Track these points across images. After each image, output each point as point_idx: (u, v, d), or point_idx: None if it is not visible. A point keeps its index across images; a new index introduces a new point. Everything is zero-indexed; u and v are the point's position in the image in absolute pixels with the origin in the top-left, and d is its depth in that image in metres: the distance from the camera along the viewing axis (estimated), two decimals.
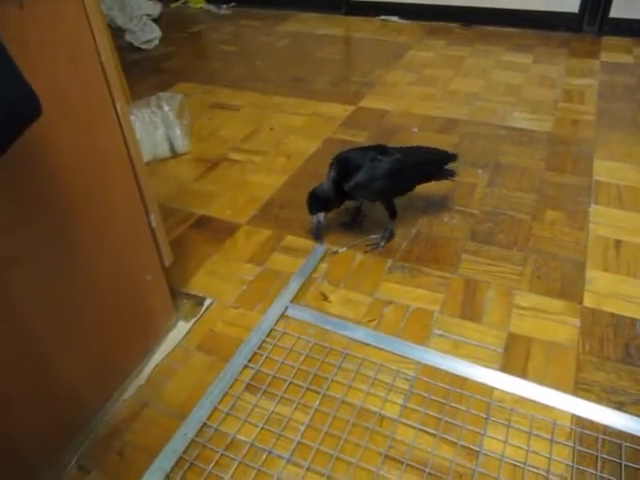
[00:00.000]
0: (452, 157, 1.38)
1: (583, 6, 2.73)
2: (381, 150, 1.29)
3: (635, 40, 2.64)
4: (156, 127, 1.81)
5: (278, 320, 1.15)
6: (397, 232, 1.39)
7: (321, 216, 1.34)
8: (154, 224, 1.05)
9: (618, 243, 1.33)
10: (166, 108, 1.83)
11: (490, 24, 2.91)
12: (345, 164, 1.29)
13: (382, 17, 3.15)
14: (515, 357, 1.05)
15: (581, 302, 1.17)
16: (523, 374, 1.01)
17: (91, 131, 0.87)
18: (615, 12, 2.70)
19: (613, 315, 1.13)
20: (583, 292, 1.19)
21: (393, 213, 1.36)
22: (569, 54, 2.54)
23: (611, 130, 1.85)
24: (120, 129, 0.93)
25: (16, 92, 0.58)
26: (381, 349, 1.07)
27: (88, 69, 0.84)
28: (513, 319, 1.13)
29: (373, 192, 1.28)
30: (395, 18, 3.12)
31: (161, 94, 1.89)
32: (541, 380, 1.00)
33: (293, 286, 1.24)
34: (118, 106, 0.91)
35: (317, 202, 1.32)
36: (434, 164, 1.37)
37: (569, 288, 1.20)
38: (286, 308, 1.18)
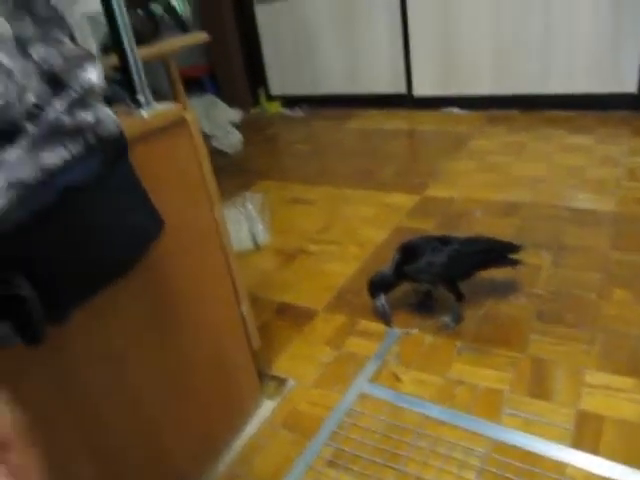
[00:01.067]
0: (515, 248, 1.48)
1: None
2: (443, 240, 1.42)
3: None
4: (241, 224, 2.03)
5: (355, 400, 1.25)
6: (466, 314, 1.47)
7: (382, 298, 1.47)
8: (245, 312, 1.20)
9: None
10: (249, 206, 2.05)
11: (549, 109, 3.03)
12: (409, 250, 1.43)
13: (443, 109, 3.35)
14: (586, 434, 1.07)
15: None
16: (595, 451, 1.04)
17: (195, 235, 1.05)
18: None
19: None
20: None
21: (459, 296, 1.45)
22: (630, 133, 2.60)
23: None
24: (217, 230, 1.11)
25: (149, 217, 0.76)
26: (453, 426, 1.13)
27: (193, 185, 1.03)
28: (583, 397, 1.16)
29: (432, 275, 1.42)
30: (456, 109, 3.31)
31: (245, 194, 2.13)
32: (613, 457, 1.02)
33: (368, 368, 1.34)
34: (216, 212, 1.10)
35: (374, 286, 1.48)
36: (494, 253, 1.48)
37: (638, 366, 1.22)
38: (362, 389, 1.27)
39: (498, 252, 1.48)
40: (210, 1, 3.95)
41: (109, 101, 0.89)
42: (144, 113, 0.93)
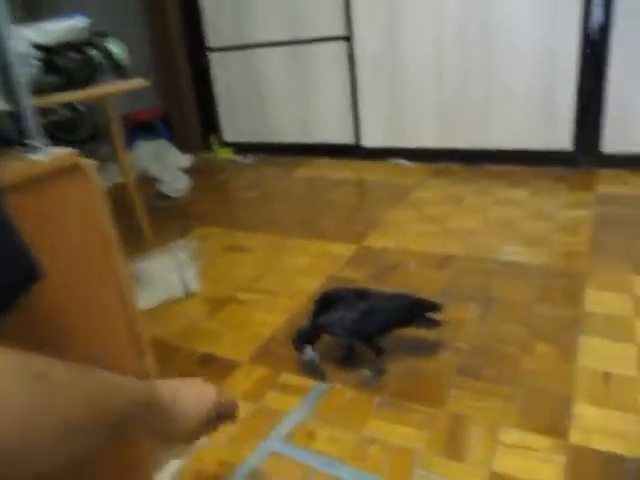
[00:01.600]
0: (436, 307, 1.47)
1: (575, 142, 2.93)
2: (361, 294, 1.41)
3: (629, 171, 2.78)
4: (171, 271, 1.97)
5: (264, 459, 1.18)
6: (388, 367, 1.43)
7: (309, 351, 1.42)
8: (148, 366, 1.14)
9: (607, 376, 1.34)
10: (181, 253, 2.00)
11: (488, 163, 3.12)
12: (327, 301, 1.42)
13: (390, 160, 3.42)
14: None
15: (567, 439, 1.16)
16: None
17: (90, 286, 1.00)
18: (608, 147, 2.88)
19: (600, 453, 1.12)
20: (570, 428, 1.19)
21: (378, 350, 1.43)
22: (565, 188, 2.69)
23: (604, 260, 1.92)
24: (118, 285, 1.06)
25: (21, 265, 0.71)
26: None
27: (89, 236, 0.99)
28: (497, 457, 1.13)
29: (343, 330, 1.39)
30: (404, 161, 3.38)
31: (179, 241, 2.08)
32: None
33: (285, 424, 1.29)
34: (114, 259, 1.05)
35: (297, 339, 1.44)
36: (414, 311, 1.46)
37: (555, 424, 1.21)
38: (273, 447, 1.21)
39: (417, 311, 1.46)
40: (164, 47, 4.00)
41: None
42: (35, 157, 0.89)
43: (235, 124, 4.09)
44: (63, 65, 1.83)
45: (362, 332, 1.41)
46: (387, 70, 3.30)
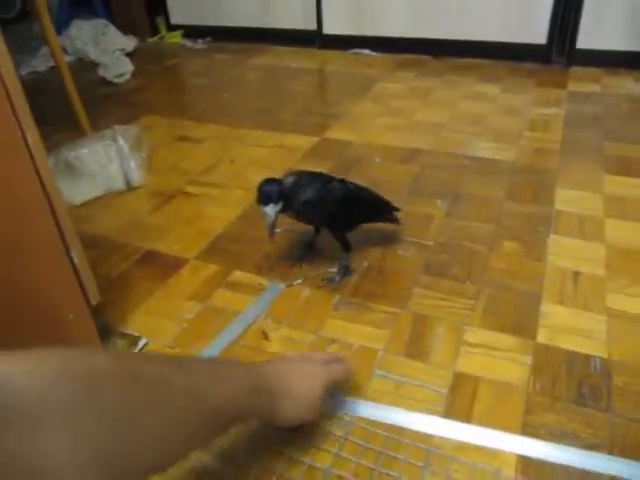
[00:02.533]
0: (395, 208, 1.37)
1: (550, 38, 2.75)
2: (334, 179, 1.26)
3: (603, 70, 2.65)
4: (110, 160, 1.77)
5: None
6: (348, 265, 1.33)
7: (278, 207, 1.15)
8: (76, 260, 0.99)
9: (576, 275, 1.28)
10: (121, 141, 1.79)
11: (460, 56, 2.92)
12: (305, 179, 1.21)
13: (355, 50, 3.16)
14: (460, 399, 0.98)
15: (534, 338, 1.11)
16: (467, 417, 0.94)
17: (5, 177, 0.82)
18: (582, 43, 2.72)
19: (567, 352, 1.07)
20: (537, 327, 1.13)
21: (347, 246, 1.31)
22: (537, 84, 2.55)
23: (575, 159, 1.82)
24: (33, 165, 0.88)
25: None
26: None
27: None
28: (461, 357, 1.07)
29: (323, 213, 1.23)
30: (367, 51, 3.13)
31: (116, 127, 1.86)
32: (486, 423, 0.93)
33: (235, 325, 1.18)
34: (29, 139, 0.87)
35: (273, 194, 1.15)
36: (380, 207, 1.34)
37: (522, 323, 1.15)
38: (221, 348, 1.12)
39: (382, 206, 1.34)
40: None
41: None
42: None
43: (185, 5, 3.68)
44: None
45: (340, 221, 1.28)
46: None
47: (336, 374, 0.88)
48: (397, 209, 1.37)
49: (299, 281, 1.30)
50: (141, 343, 1.16)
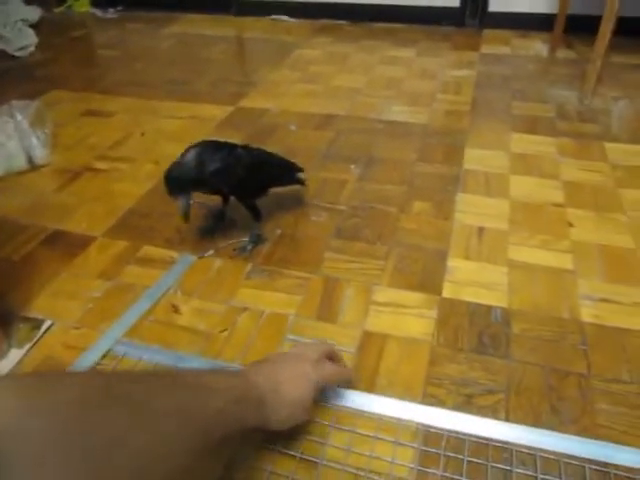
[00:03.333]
0: (299, 169, 1.37)
1: (464, 1, 2.79)
2: (237, 146, 1.23)
3: (513, 32, 2.72)
4: (9, 138, 1.66)
5: (120, 339, 1.06)
6: (260, 234, 1.32)
7: (190, 196, 1.15)
8: None
9: (481, 230, 1.33)
10: (19, 117, 1.69)
11: (377, 20, 2.92)
12: (209, 149, 1.18)
13: (272, 17, 3.10)
14: (367, 356, 1.00)
15: (440, 293, 1.15)
16: (375, 373, 0.97)
17: None
18: (494, 6, 2.78)
19: (470, 304, 1.12)
20: (443, 283, 1.17)
21: (257, 214, 1.30)
22: (451, 47, 2.59)
23: (484, 119, 1.88)
24: None
25: None
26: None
27: None
28: (369, 316, 1.09)
29: (231, 181, 1.20)
30: (285, 17, 3.08)
31: (14, 102, 1.74)
32: (392, 378, 0.96)
33: (144, 301, 1.16)
34: None
35: (182, 183, 1.14)
36: (286, 169, 1.34)
37: (429, 280, 1.18)
38: (130, 324, 1.09)
39: (288, 169, 1.34)
40: None
41: None
42: None
43: None
44: None
45: (250, 188, 1.26)
46: None
47: (328, 376, 0.83)
48: (301, 169, 1.37)
49: (210, 252, 1.29)
50: (45, 326, 1.11)
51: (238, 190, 1.26)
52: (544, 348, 1.01)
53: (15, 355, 1.06)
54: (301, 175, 1.38)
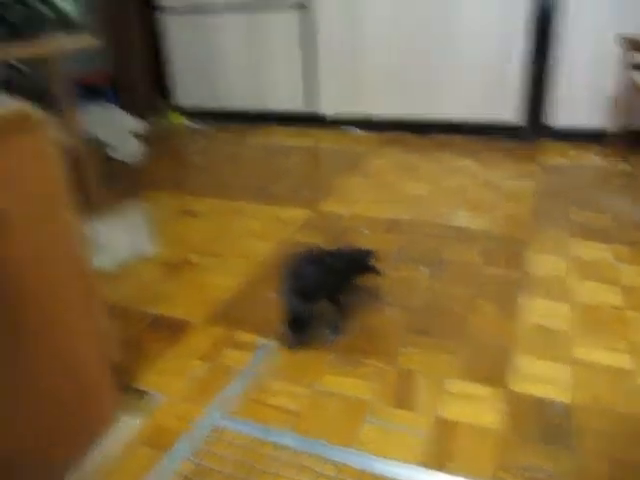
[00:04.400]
0: (371, 253, 1.56)
1: (522, 116, 3.03)
2: (318, 255, 1.44)
3: (570, 144, 2.91)
4: (122, 233, 1.94)
5: (221, 416, 1.21)
6: (341, 326, 1.48)
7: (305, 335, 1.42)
8: (102, 324, 1.14)
9: (543, 330, 1.43)
10: (132, 216, 1.97)
11: (440, 133, 3.19)
12: (296, 273, 1.40)
13: (345, 129, 3.43)
14: (441, 442, 1.11)
15: (507, 387, 1.25)
16: (449, 458, 1.07)
17: (44, 241, 0.98)
18: (552, 121, 3.00)
19: (535, 397, 1.21)
20: (509, 377, 1.27)
21: (342, 309, 1.48)
22: (511, 159, 2.79)
23: (544, 226, 2.02)
24: (70, 238, 1.04)
25: None
26: (306, 453, 1.11)
27: (43, 189, 0.97)
28: (442, 405, 1.20)
29: (322, 292, 1.43)
30: (357, 130, 3.41)
31: (128, 202, 2.05)
32: (463, 462, 1.05)
33: (239, 381, 1.31)
34: (69, 219, 1.04)
35: (295, 323, 1.41)
36: (360, 262, 1.53)
37: (497, 374, 1.29)
38: (230, 403, 1.24)
39: (362, 260, 1.53)
40: (115, 7, 3.83)
41: None
42: None
43: (188, 89, 4.00)
44: (9, 18, 1.75)
45: (331, 291, 1.45)
46: (344, 40, 3.29)
47: None
48: (372, 253, 1.56)
49: (296, 341, 1.44)
50: (154, 399, 1.28)
51: (332, 293, 1.45)
52: (605, 440, 1.08)
53: (129, 422, 1.22)
54: (375, 264, 1.55)
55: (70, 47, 2.02)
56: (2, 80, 3.36)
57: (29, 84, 3.65)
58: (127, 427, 1.21)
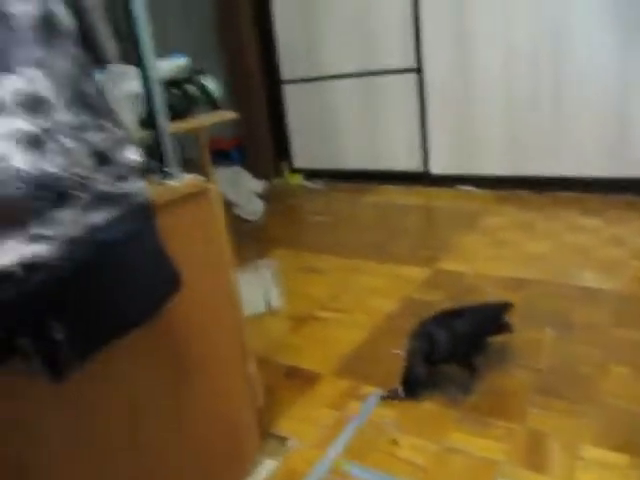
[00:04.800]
0: (507, 305, 1.58)
1: None
2: (449, 314, 1.50)
3: None
4: (255, 288, 2.12)
5: (346, 464, 1.28)
6: (467, 383, 1.50)
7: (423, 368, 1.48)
8: (251, 372, 1.27)
9: None
10: (264, 272, 2.15)
11: (558, 190, 3.13)
12: (426, 336, 1.48)
13: (458, 187, 3.48)
14: None
15: None
16: None
17: (209, 296, 1.14)
18: None
19: None
20: None
21: (473, 370, 1.51)
22: (638, 215, 2.67)
23: None
24: (229, 294, 1.20)
25: (170, 275, 0.85)
26: None
27: (211, 250, 1.13)
28: (577, 471, 1.18)
29: (455, 355, 1.49)
30: (470, 188, 3.44)
31: (261, 261, 2.23)
32: None
33: (363, 432, 1.38)
34: (230, 277, 1.19)
35: (413, 383, 1.48)
36: (494, 320, 1.55)
37: (635, 442, 1.24)
38: (353, 454, 1.31)
39: (494, 318, 1.55)
40: (243, 81, 4.25)
41: (144, 171, 1.02)
42: (171, 183, 1.05)
43: (305, 151, 4.28)
44: (168, 101, 2.04)
45: (462, 356, 1.50)
46: (456, 99, 3.39)
47: None
48: (509, 305, 1.58)
49: (422, 396, 1.49)
50: (290, 444, 1.38)
51: (462, 358, 1.50)
52: None
53: (269, 464, 1.33)
54: (508, 319, 1.57)
55: (215, 121, 2.29)
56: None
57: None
58: (266, 470, 1.31)
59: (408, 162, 3.73)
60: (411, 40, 3.45)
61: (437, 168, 3.61)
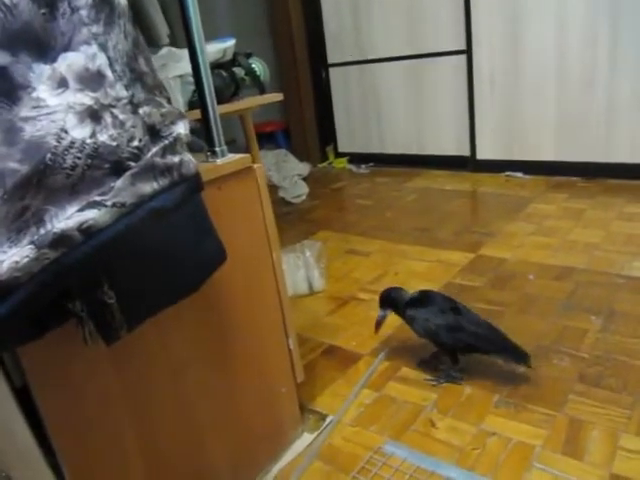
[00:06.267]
0: (523, 356, 1.41)
1: None
2: (455, 307, 1.49)
3: None
4: (298, 269, 2.15)
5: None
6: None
7: (387, 312, 1.58)
8: (291, 346, 1.31)
9: None
10: (307, 253, 2.18)
11: (610, 177, 3.03)
12: (424, 298, 1.53)
13: (506, 173, 3.41)
14: None
15: None
16: None
17: (253, 272, 1.17)
18: None
19: None
20: None
21: (455, 361, 1.50)
22: None
23: None
24: (273, 271, 1.23)
25: (215, 246, 0.89)
26: None
27: (256, 228, 1.17)
28: (617, 460, 1.16)
29: (425, 331, 1.50)
30: (519, 174, 3.37)
31: (304, 242, 2.26)
32: None
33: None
34: (274, 255, 1.23)
35: (388, 301, 1.59)
36: (496, 347, 1.46)
37: None
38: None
39: (500, 348, 1.46)
40: (289, 65, 4.27)
41: (191, 150, 1.05)
42: (218, 161, 1.08)
43: (351, 135, 4.28)
44: (215, 83, 2.08)
45: (444, 344, 1.49)
46: (506, 83, 3.31)
47: None
48: (525, 355, 1.42)
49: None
50: (328, 419, 1.41)
51: (432, 340, 1.51)
52: None
53: (307, 438, 1.36)
54: (526, 357, 1.42)
55: (261, 103, 2.32)
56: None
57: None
58: (305, 442, 1.35)
59: (454, 146, 3.68)
60: (461, 21, 3.38)
61: (484, 153, 3.55)
